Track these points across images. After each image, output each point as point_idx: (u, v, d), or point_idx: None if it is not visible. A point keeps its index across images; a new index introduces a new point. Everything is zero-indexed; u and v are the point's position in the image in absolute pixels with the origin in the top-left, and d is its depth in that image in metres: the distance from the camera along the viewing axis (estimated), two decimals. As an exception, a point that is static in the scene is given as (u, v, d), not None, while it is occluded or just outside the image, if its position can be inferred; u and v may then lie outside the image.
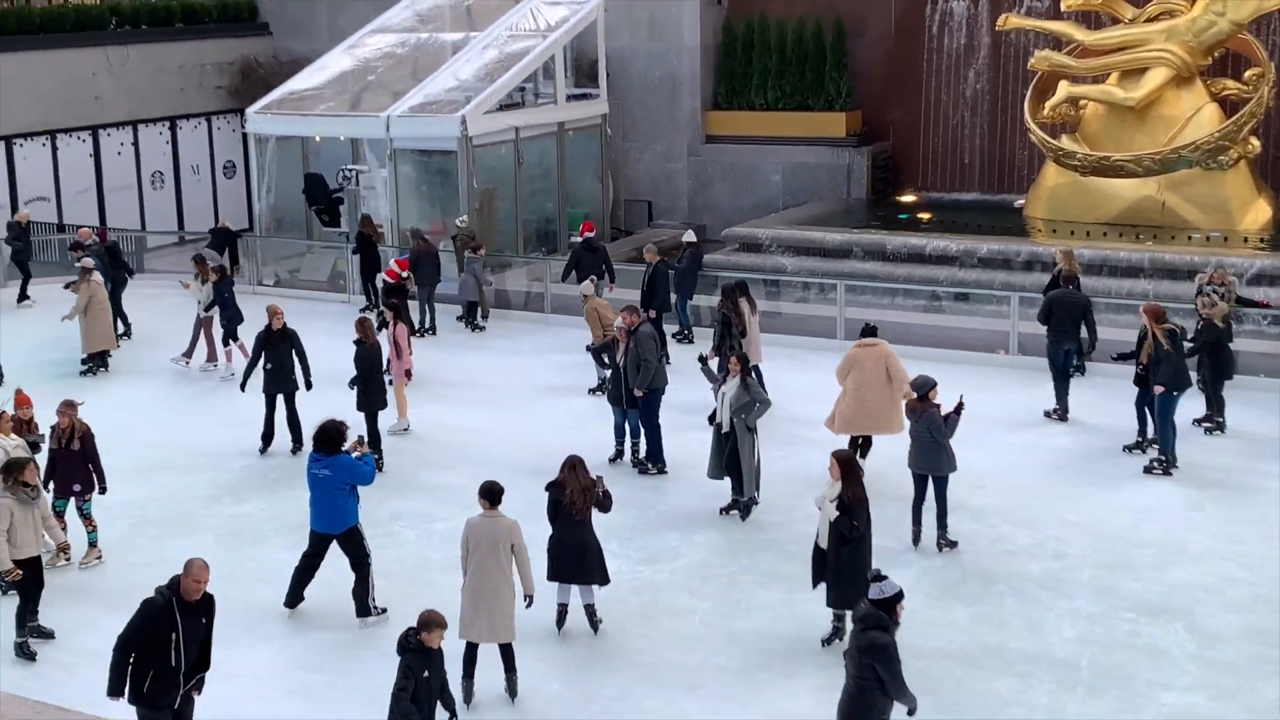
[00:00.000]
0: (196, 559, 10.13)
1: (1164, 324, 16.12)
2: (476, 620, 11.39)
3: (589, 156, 30.49)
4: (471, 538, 11.46)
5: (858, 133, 31.41)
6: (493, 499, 11.60)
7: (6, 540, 12.08)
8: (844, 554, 12.01)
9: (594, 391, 19.72)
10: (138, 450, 16.89)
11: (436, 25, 30.72)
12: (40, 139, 31.05)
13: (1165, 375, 15.99)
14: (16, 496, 12.16)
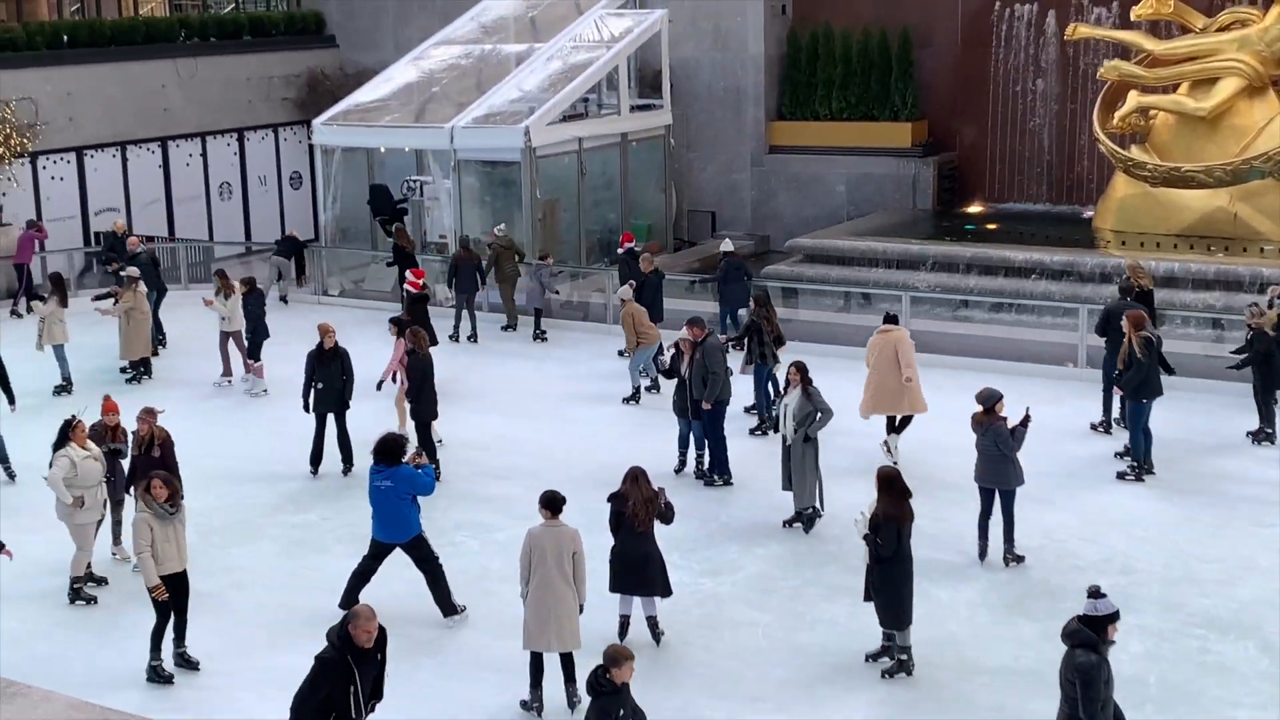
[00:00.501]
0: (363, 606, 9.63)
1: (1141, 332, 16.18)
2: (545, 630, 11.38)
3: (652, 167, 30.46)
4: (535, 548, 11.42)
5: (923, 143, 31.18)
6: (554, 508, 11.59)
7: (153, 557, 11.80)
8: (877, 572, 11.83)
9: (628, 400, 19.84)
10: (196, 459, 16.92)
11: (500, 37, 30.83)
12: (111, 150, 31.44)
13: (1131, 382, 16.14)
14: (153, 511, 11.88)
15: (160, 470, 12.34)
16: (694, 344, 16.31)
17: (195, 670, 12.14)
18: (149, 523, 11.82)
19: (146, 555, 11.78)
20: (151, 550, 11.79)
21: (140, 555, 11.85)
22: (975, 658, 12.36)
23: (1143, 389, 16.18)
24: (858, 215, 30.61)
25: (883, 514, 11.72)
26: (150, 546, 11.78)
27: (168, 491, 11.92)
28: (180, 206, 32.58)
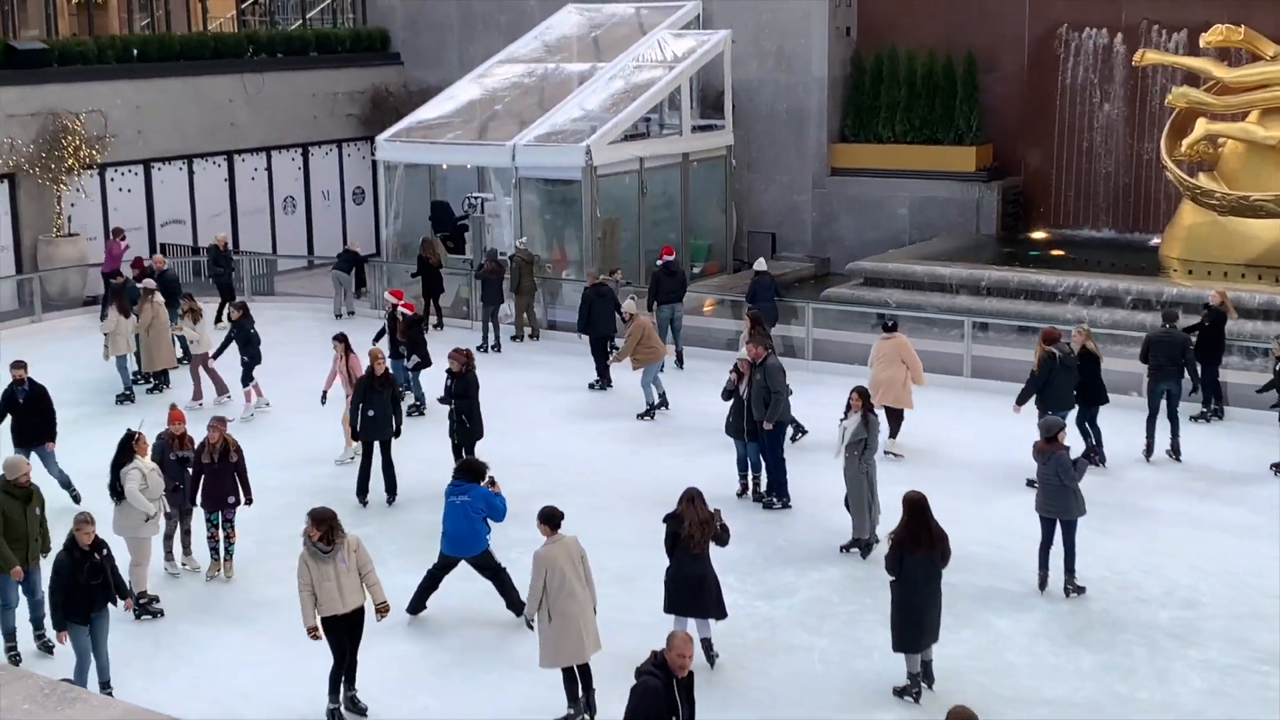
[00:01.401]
0: (680, 633, 9.33)
1: (1048, 346, 16.73)
2: (582, 641, 11.46)
3: (713, 187, 30.42)
4: (550, 566, 11.42)
5: (988, 167, 30.95)
6: (553, 524, 11.70)
7: (313, 596, 11.39)
8: (891, 593, 11.95)
9: (642, 417, 19.94)
10: (262, 469, 17.08)
11: (564, 56, 30.93)
12: (178, 163, 31.79)
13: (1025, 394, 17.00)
14: (308, 549, 11.47)
15: (317, 508, 11.78)
16: (753, 365, 16.24)
17: (363, 716, 11.78)
18: (306, 561, 11.45)
19: (305, 595, 11.40)
20: (312, 590, 11.38)
21: (300, 594, 11.45)
22: (1034, 688, 12.21)
23: (1046, 401, 16.57)
24: (920, 239, 30.40)
25: (893, 536, 11.90)
26: (309, 586, 11.39)
27: (320, 531, 11.45)
28: (245, 220, 32.88)
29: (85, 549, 11.56)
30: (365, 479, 16.68)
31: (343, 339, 18.33)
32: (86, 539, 11.57)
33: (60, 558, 11.62)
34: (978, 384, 20.94)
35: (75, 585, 11.48)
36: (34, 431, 16.28)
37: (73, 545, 11.58)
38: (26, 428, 16.28)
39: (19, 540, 12.57)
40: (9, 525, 12.50)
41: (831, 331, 23.44)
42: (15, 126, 28.31)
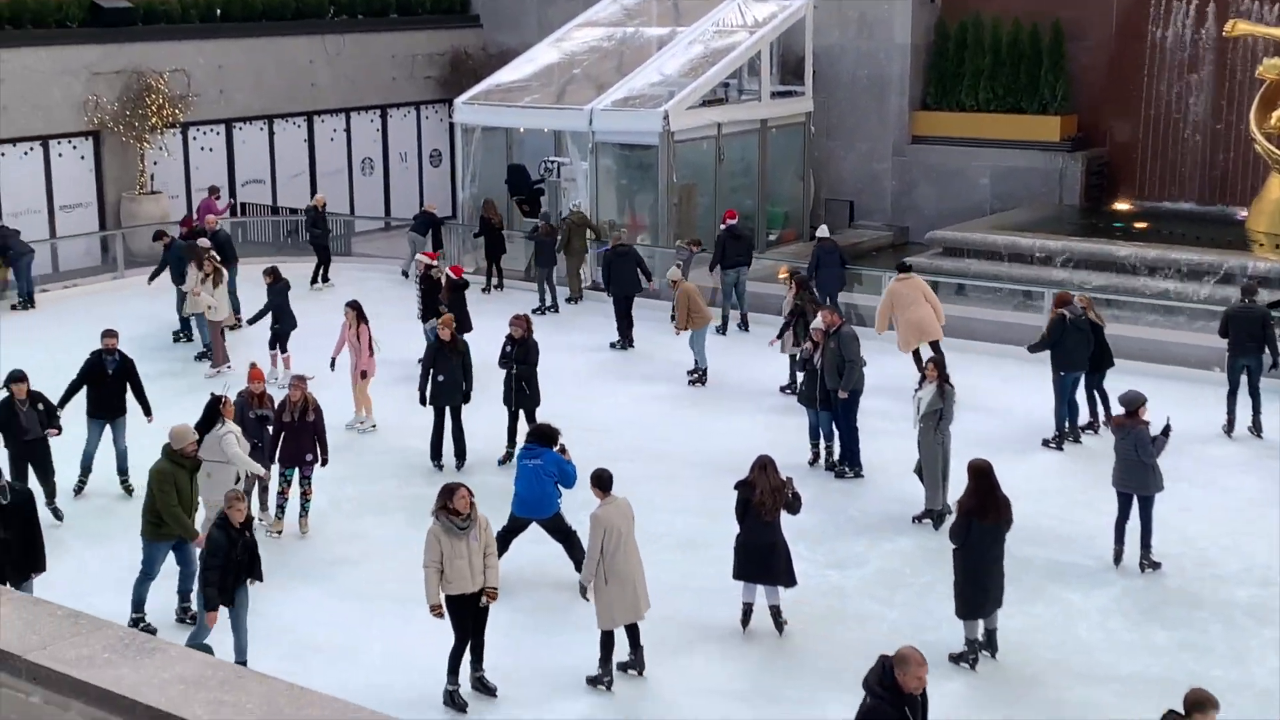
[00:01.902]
0: (911, 651, 8.49)
1: (1059, 309, 17.16)
2: (637, 600, 11.52)
3: (791, 154, 30.19)
4: (608, 527, 11.40)
5: (1072, 137, 30.44)
6: (605, 486, 11.69)
7: (439, 573, 11.02)
8: (955, 560, 11.91)
9: (693, 381, 19.95)
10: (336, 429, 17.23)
11: (643, 20, 30.79)
12: (259, 124, 32.05)
13: (1037, 349, 17.51)
14: (443, 524, 11.04)
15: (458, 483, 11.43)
16: (827, 333, 16.11)
17: (493, 696, 11.42)
18: (439, 536, 11.00)
19: (432, 571, 10.99)
20: (439, 567, 10.99)
21: (425, 570, 11.05)
22: (1106, 663, 12.07)
23: (1058, 361, 16.96)
24: (1001, 209, 30.00)
25: (960, 504, 11.80)
26: (438, 562, 11.00)
27: (465, 506, 11.07)
28: (323, 181, 33.08)
29: (238, 526, 11.36)
30: (439, 443, 16.68)
31: (355, 306, 17.97)
32: (239, 516, 11.34)
33: (215, 535, 11.33)
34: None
35: (228, 563, 11.28)
36: (116, 404, 15.79)
37: (226, 523, 11.32)
38: (109, 400, 15.75)
39: (187, 511, 12.49)
40: (179, 495, 12.37)
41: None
42: (101, 85, 28.66)
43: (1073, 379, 17.12)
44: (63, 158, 28.73)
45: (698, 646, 12.33)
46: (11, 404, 14.30)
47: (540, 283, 24.47)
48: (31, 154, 28.25)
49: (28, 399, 14.35)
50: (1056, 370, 17.03)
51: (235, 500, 11.46)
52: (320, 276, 25.92)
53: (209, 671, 5.31)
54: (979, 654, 11.98)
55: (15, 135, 27.79)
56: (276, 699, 5.13)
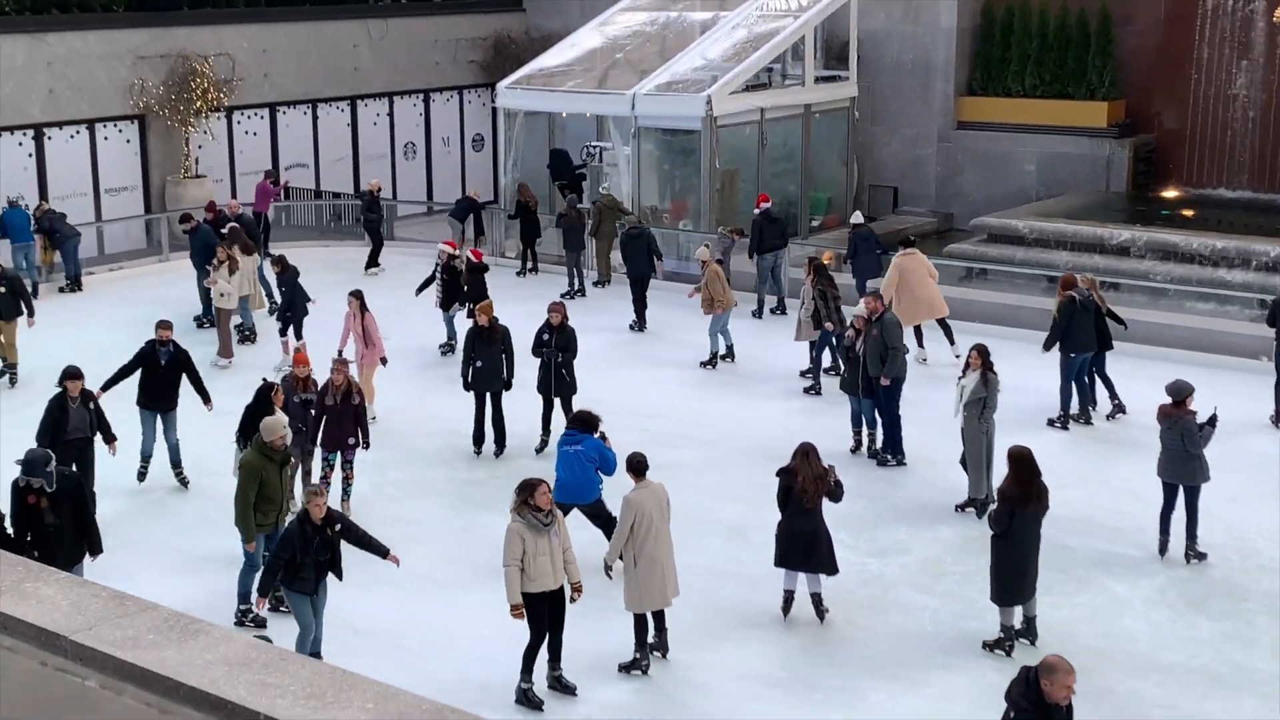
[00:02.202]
0: (1060, 659, 8.29)
1: (1067, 292, 17.23)
2: (665, 585, 11.54)
3: (835, 140, 30.03)
4: (639, 510, 11.41)
5: (1120, 123, 30.13)
6: (640, 471, 11.72)
7: (520, 571, 10.75)
8: (994, 547, 11.83)
9: (705, 365, 19.86)
10: (378, 412, 17.30)
11: (686, 4, 30.68)
12: (302, 108, 32.15)
13: (1051, 337, 17.44)
14: (527, 520, 10.78)
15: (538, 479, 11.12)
16: (869, 320, 16.01)
17: (572, 695, 11.22)
18: (521, 534, 10.71)
19: (513, 569, 10.72)
20: (521, 565, 10.73)
21: (507, 569, 10.77)
22: (1150, 654, 11.96)
23: (1067, 344, 17.08)
24: (1047, 196, 29.76)
25: (1002, 492, 11.74)
26: (520, 560, 10.73)
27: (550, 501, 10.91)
28: (366, 165, 33.16)
29: (317, 523, 11.02)
30: (480, 429, 16.64)
31: (358, 295, 17.73)
32: (319, 512, 11.00)
33: (291, 528, 11.09)
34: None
35: (304, 558, 10.96)
36: (168, 394, 15.51)
37: (305, 518, 11.01)
38: (161, 390, 15.48)
39: (273, 503, 12.26)
40: (264, 488, 12.14)
41: (953, 288, 23.02)
42: (146, 68, 28.80)
43: (1081, 360, 17.25)
44: (108, 141, 28.91)
45: (739, 633, 12.29)
46: (63, 400, 13.96)
47: (569, 266, 24.54)
48: (78, 137, 28.44)
49: (79, 397, 14.03)
50: (1066, 352, 17.13)
51: (314, 495, 11.17)
52: (372, 261, 25.99)
53: (252, 653, 5.32)
54: (1015, 640, 11.92)
55: (62, 119, 27.99)
56: (319, 681, 5.13)
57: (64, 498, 11.44)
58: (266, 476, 12.17)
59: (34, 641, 5.35)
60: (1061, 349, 17.21)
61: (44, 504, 11.34)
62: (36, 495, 11.29)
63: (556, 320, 16.52)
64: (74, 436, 13.94)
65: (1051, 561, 13.52)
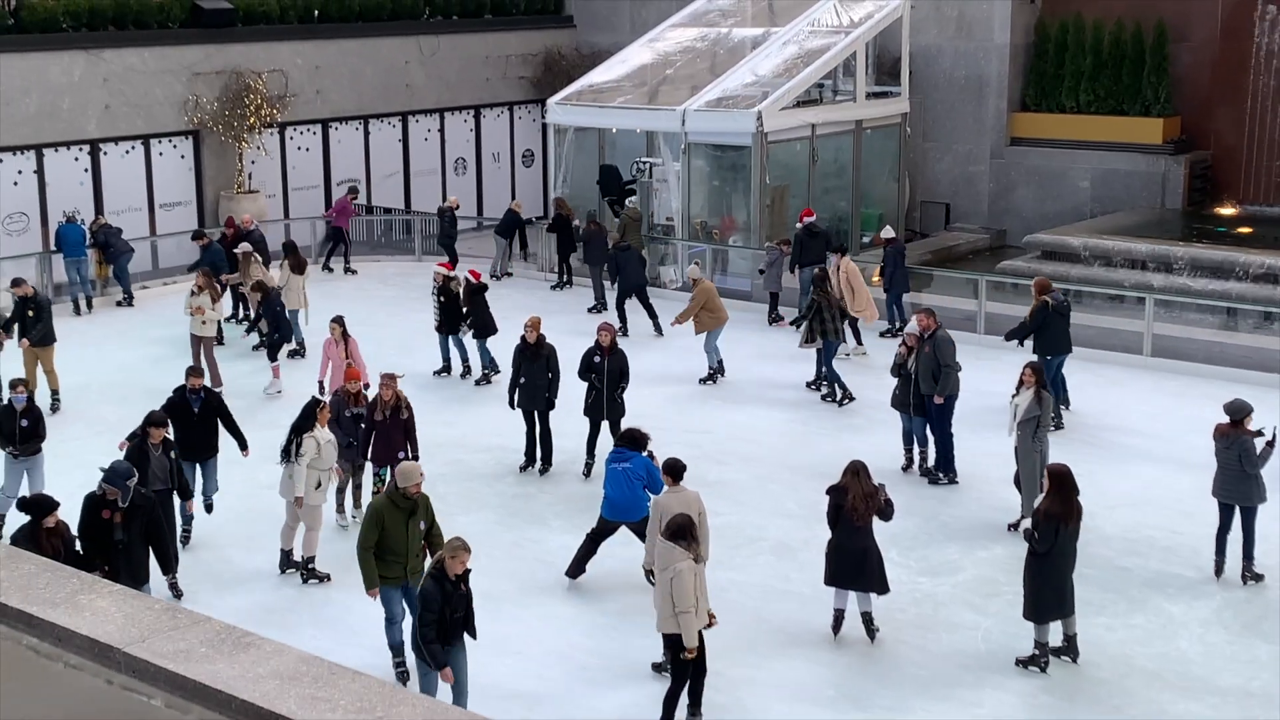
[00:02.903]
0: None
1: (1042, 296, 17.68)
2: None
3: (886, 156, 29.91)
4: (665, 513, 11.45)
5: (1175, 140, 29.85)
6: (676, 475, 11.97)
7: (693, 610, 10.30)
8: (1030, 565, 11.72)
9: (704, 381, 19.78)
10: (429, 426, 17.31)
11: (737, 20, 30.66)
12: (354, 123, 32.36)
13: (1017, 335, 18.08)
14: (693, 553, 10.46)
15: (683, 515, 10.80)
16: (921, 337, 15.91)
17: None
18: (695, 573, 10.26)
19: (689, 614, 10.28)
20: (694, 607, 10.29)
21: (682, 614, 10.31)
22: (1205, 677, 11.78)
23: (1043, 346, 17.54)
24: (1102, 213, 29.51)
25: (1045, 510, 11.60)
26: (695, 601, 10.30)
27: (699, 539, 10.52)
28: (417, 180, 33.35)
29: (455, 578, 10.24)
30: (531, 446, 16.58)
31: (340, 322, 17.23)
32: (458, 568, 10.20)
33: (427, 586, 10.26)
34: (1158, 363, 20.24)
35: (441, 616, 10.26)
36: (205, 444, 14.67)
37: (442, 574, 10.22)
38: (198, 440, 14.59)
39: (398, 555, 11.34)
40: (387, 538, 11.30)
41: (1006, 305, 22.89)
42: (201, 85, 29.09)
43: (1057, 363, 17.68)
44: (163, 157, 29.20)
45: (788, 651, 12.21)
46: (144, 446, 13.12)
47: (593, 280, 24.67)
48: (133, 153, 28.74)
49: (161, 445, 13.22)
50: (1041, 355, 17.49)
51: (458, 549, 10.23)
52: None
53: (303, 667, 5.30)
54: (1049, 657, 11.82)
55: (118, 134, 28.30)
56: (369, 696, 5.10)
57: (136, 515, 11.39)
58: (390, 525, 11.28)
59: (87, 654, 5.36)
60: (1037, 352, 17.57)
61: (117, 519, 11.28)
62: (110, 509, 11.26)
63: (607, 341, 16.22)
64: (155, 487, 12.83)
65: (1105, 582, 13.40)
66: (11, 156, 26.86)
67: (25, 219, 27.07)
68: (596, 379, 16.08)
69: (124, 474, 11.37)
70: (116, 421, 16.73)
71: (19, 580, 5.87)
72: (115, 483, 11.26)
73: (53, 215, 26.46)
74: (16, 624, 5.59)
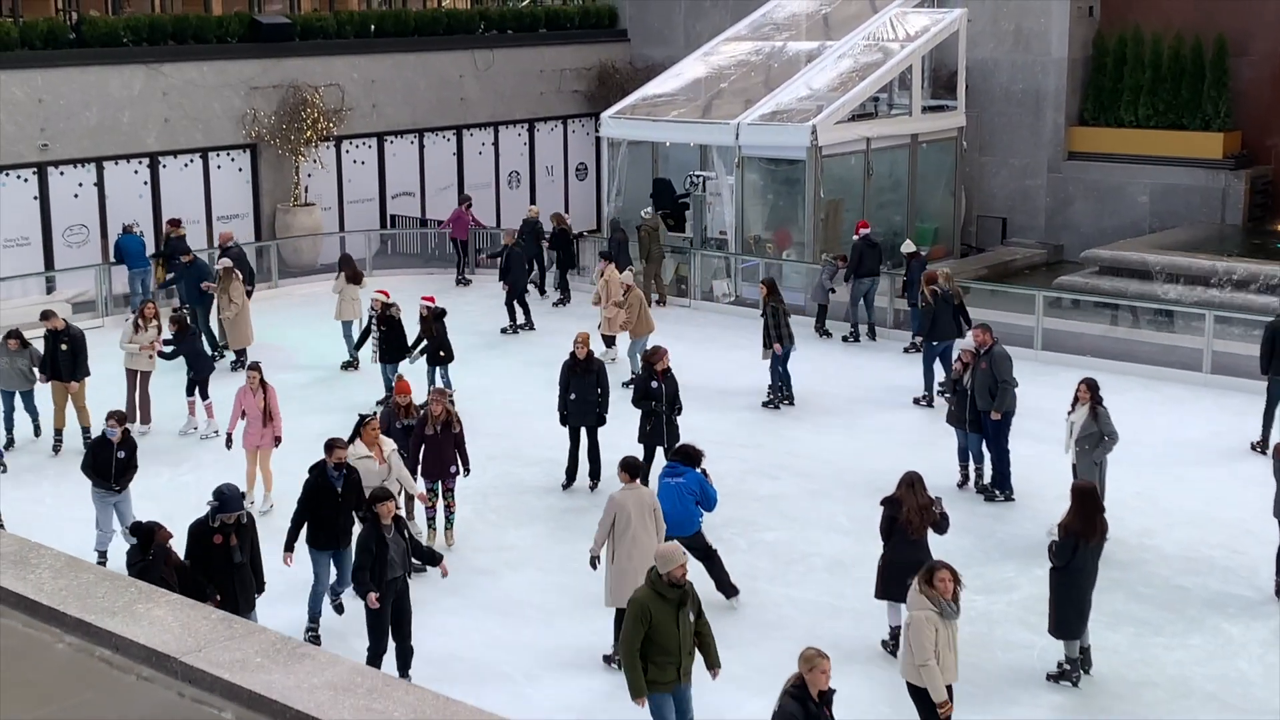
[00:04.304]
0: None
1: (930, 286, 19.28)
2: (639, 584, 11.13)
3: (942, 170, 29.74)
4: (619, 511, 11.81)
5: (1235, 155, 29.50)
6: (633, 473, 12.13)
7: (933, 662, 9.68)
8: (1051, 581, 11.74)
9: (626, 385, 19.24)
10: (480, 439, 17.35)
11: (792, 34, 30.59)
12: (409, 137, 32.54)
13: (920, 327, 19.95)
14: (941, 609, 9.73)
15: (941, 561, 10.18)
16: (977, 353, 15.76)
17: None
18: (935, 624, 9.62)
19: (933, 666, 9.69)
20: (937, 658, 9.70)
21: (925, 666, 9.73)
22: (1265, 698, 11.60)
23: (933, 334, 19.15)
24: (1160, 228, 29.21)
25: (1065, 525, 11.60)
26: (936, 653, 9.69)
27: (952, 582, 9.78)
28: (471, 194, 33.41)
29: (819, 695, 8.83)
30: (574, 464, 16.38)
31: (257, 369, 15.77)
32: (822, 682, 8.78)
33: (790, 708, 8.75)
34: (1218, 380, 19.97)
35: None
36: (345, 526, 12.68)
37: (804, 692, 8.78)
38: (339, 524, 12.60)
39: (670, 654, 9.84)
40: (656, 633, 9.76)
41: (1063, 321, 22.69)
42: (258, 99, 29.34)
43: (943, 347, 19.12)
44: (221, 170, 29.47)
45: (842, 668, 11.99)
46: (377, 526, 11.37)
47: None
48: (191, 166, 29.02)
49: (393, 524, 11.49)
50: (929, 340, 19.19)
51: (817, 660, 8.82)
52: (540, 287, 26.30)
53: (358, 678, 5.31)
54: (1080, 672, 11.78)
55: (177, 148, 28.59)
56: (424, 708, 5.10)
57: (245, 536, 11.27)
58: (658, 620, 9.72)
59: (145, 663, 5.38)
60: (925, 339, 19.34)
61: (234, 541, 11.09)
62: (224, 534, 11.09)
63: (662, 366, 15.85)
64: (393, 575, 11.33)
65: (1164, 602, 13.23)
66: (72, 169, 27.19)
67: (85, 231, 27.39)
68: (656, 405, 15.74)
69: (236, 497, 11.22)
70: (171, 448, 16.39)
71: (78, 589, 5.90)
72: (231, 507, 11.09)
73: (112, 228, 26.74)
74: (75, 632, 5.63)
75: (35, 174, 26.73)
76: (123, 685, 5.23)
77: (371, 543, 11.22)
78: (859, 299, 22.75)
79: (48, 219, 26.96)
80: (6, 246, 26.22)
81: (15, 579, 5.97)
